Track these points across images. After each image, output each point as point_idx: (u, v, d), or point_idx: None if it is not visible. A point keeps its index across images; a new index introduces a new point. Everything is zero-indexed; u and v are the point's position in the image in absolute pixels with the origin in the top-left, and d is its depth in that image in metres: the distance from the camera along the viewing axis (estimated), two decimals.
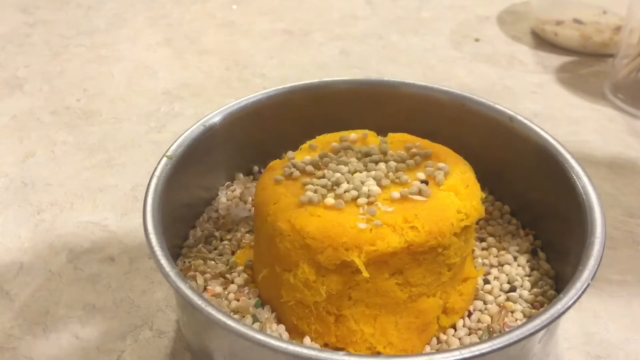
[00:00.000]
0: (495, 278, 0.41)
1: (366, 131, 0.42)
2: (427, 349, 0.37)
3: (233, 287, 0.39)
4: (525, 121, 0.44)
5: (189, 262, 0.41)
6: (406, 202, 0.34)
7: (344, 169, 0.37)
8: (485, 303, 0.39)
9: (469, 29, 0.80)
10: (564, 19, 0.74)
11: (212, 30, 0.79)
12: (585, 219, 0.36)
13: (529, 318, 0.37)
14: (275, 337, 0.29)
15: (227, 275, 0.40)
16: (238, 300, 0.38)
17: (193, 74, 0.69)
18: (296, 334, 0.36)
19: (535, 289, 0.40)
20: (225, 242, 0.43)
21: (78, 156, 0.56)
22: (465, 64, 0.72)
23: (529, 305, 0.39)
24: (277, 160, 0.40)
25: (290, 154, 0.40)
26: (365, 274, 0.33)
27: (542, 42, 0.76)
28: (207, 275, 0.39)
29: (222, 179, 0.48)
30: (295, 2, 0.86)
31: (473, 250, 0.42)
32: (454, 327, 0.38)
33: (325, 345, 0.36)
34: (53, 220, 0.49)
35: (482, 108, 0.46)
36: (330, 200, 0.34)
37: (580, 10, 0.74)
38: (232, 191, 0.47)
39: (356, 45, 0.76)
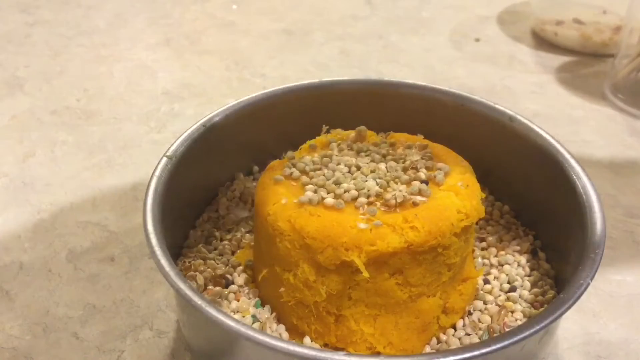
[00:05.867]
0: (495, 278, 0.41)
1: (365, 129, 0.42)
2: (427, 349, 0.37)
3: (233, 287, 0.39)
4: (525, 121, 0.44)
5: (189, 262, 0.41)
6: (406, 201, 0.34)
7: (344, 168, 0.37)
8: (485, 303, 0.39)
9: (469, 29, 0.80)
10: (564, 19, 0.74)
11: (212, 30, 0.79)
12: (585, 219, 0.36)
13: (529, 318, 0.37)
14: (275, 337, 0.29)
15: (227, 275, 0.40)
16: (238, 300, 0.38)
17: (193, 74, 0.69)
18: (296, 334, 0.36)
19: (535, 289, 0.40)
20: (225, 242, 0.43)
21: (78, 156, 0.56)
22: (465, 64, 0.72)
23: (529, 305, 0.39)
24: (277, 160, 0.40)
25: (290, 154, 0.40)
26: (365, 274, 0.33)
27: (542, 42, 0.76)
28: (207, 275, 0.39)
29: (222, 179, 0.48)
30: (295, 2, 0.86)
31: (473, 250, 0.42)
32: (454, 327, 0.38)
33: (325, 345, 0.36)
34: (53, 220, 0.49)
35: (482, 108, 0.46)
36: (330, 200, 0.34)
37: (580, 10, 0.74)
38: (232, 191, 0.47)
39: (356, 45, 0.76)
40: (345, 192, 0.35)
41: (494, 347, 0.29)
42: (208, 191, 0.47)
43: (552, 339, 0.38)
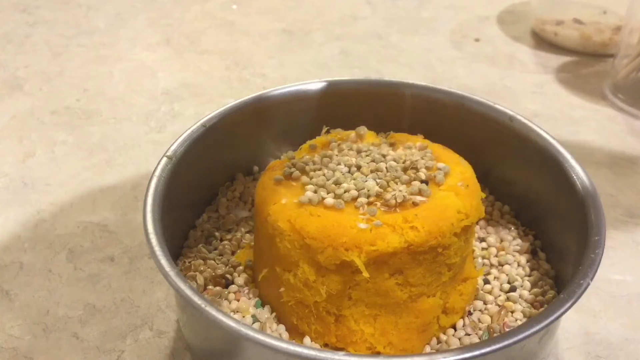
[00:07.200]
0: (495, 278, 0.41)
1: (365, 129, 0.42)
2: (427, 349, 0.37)
3: (233, 287, 0.39)
4: (525, 121, 0.44)
5: (189, 262, 0.41)
6: (406, 201, 0.34)
7: (344, 168, 0.37)
8: (485, 303, 0.39)
9: (469, 29, 0.80)
10: (564, 19, 0.74)
11: (212, 30, 0.79)
12: (585, 219, 0.36)
13: (529, 318, 0.37)
14: (275, 337, 0.29)
15: (227, 276, 0.40)
16: (238, 300, 0.38)
17: (193, 74, 0.69)
18: (296, 334, 0.36)
19: (535, 289, 0.40)
20: (225, 242, 0.43)
21: (78, 156, 0.56)
22: (465, 64, 0.72)
23: (529, 305, 0.39)
24: (277, 160, 0.40)
25: (290, 154, 0.40)
26: (365, 274, 0.33)
27: (542, 42, 0.76)
28: (207, 275, 0.39)
29: (222, 179, 0.48)
30: (295, 2, 0.86)
31: (473, 250, 0.42)
32: (454, 327, 0.38)
33: (325, 345, 0.36)
34: (53, 220, 0.49)
35: (482, 108, 0.46)
36: (330, 200, 0.34)
37: (580, 10, 0.74)
38: (232, 191, 0.47)
39: (356, 45, 0.76)
40: (345, 192, 0.35)
41: (494, 347, 0.29)
42: (208, 191, 0.47)
43: (552, 339, 0.38)
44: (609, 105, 0.64)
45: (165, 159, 0.40)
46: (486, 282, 0.40)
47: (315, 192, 0.35)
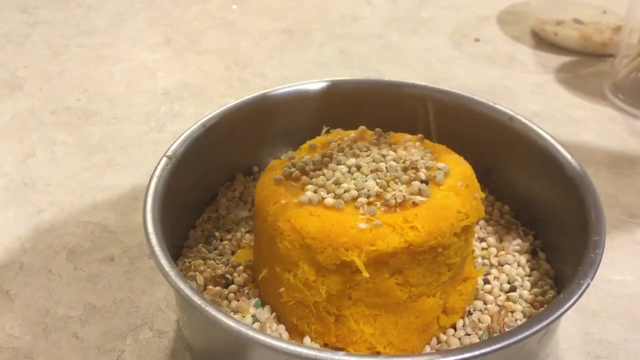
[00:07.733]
0: (495, 278, 0.41)
1: (365, 129, 0.42)
2: (427, 349, 0.37)
3: (233, 287, 0.39)
4: (525, 121, 0.44)
5: (189, 262, 0.41)
6: (406, 201, 0.34)
7: (344, 168, 0.37)
8: (485, 303, 0.39)
9: (469, 29, 0.80)
10: (564, 19, 0.74)
11: (212, 30, 0.79)
12: (585, 219, 0.36)
13: (529, 318, 0.37)
14: (275, 337, 0.29)
15: (227, 276, 0.40)
16: (238, 300, 0.38)
17: (193, 74, 0.69)
18: (296, 334, 0.36)
19: (535, 289, 0.40)
20: (225, 242, 0.43)
21: (78, 156, 0.56)
22: (465, 64, 0.72)
23: (529, 305, 0.39)
24: (277, 160, 0.40)
25: (290, 154, 0.40)
26: (365, 274, 0.33)
27: (542, 42, 0.76)
28: (207, 275, 0.39)
29: (222, 179, 0.48)
30: (295, 2, 0.86)
31: (473, 250, 0.42)
32: (454, 327, 0.38)
33: (325, 345, 0.36)
34: (53, 220, 0.49)
35: (482, 108, 0.46)
36: (330, 200, 0.34)
37: (580, 10, 0.74)
38: (232, 191, 0.47)
39: (356, 45, 0.76)
40: (345, 192, 0.35)
41: (494, 347, 0.29)
42: (208, 191, 0.47)
43: (552, 339, 0.38)
44: (609, 105, 0.64)
45: (165, 159, 0.40)
46: (486, 282, 0.40)
47: (315, 192, 0.35)
